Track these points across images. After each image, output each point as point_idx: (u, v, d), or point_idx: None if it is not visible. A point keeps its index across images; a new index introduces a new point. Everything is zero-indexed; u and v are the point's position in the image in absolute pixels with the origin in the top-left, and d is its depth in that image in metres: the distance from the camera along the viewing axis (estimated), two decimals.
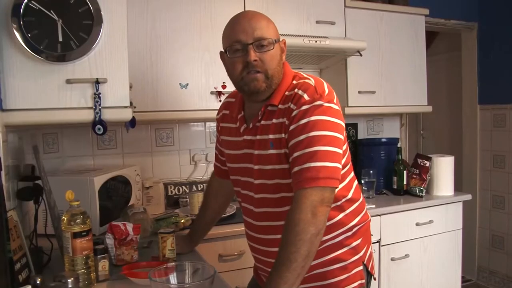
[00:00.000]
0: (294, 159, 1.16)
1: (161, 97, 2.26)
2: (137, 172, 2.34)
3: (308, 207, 1.09)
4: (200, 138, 2.74)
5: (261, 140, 1.28)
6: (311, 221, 1.07)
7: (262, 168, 1.29)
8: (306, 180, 1.11)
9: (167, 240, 1.53)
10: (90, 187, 1.92)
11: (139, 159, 2.57)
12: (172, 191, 2.56)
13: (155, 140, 2.63)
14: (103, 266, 1.41)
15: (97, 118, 1.51)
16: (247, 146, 1.34)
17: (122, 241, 1.54)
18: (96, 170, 2.19)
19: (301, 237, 1.06)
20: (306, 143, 1.15)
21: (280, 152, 1.24)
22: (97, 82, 1.51)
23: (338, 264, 1.33)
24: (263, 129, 1.28)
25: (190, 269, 1.21)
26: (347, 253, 1.34)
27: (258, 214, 1.34)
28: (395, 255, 2.53)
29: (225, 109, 1.49)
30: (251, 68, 1.24)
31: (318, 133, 1.15)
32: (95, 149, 2.49)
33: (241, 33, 1.24)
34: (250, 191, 1.35)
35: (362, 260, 1.37)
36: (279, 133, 1.24)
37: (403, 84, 2.92)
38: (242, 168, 1.37)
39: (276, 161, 1.25)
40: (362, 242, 1.38)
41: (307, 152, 1.14)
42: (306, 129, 1.16)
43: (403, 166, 2.79)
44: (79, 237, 1.31)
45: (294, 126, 1.19)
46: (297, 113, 1.19)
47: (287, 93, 1.26)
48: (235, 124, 1.41)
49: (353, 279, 1.34)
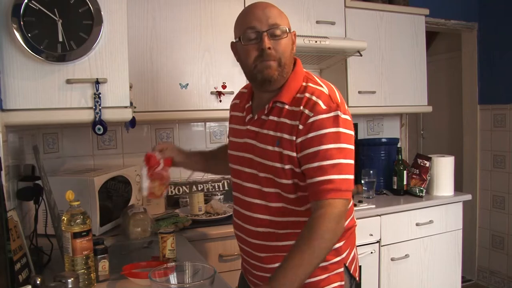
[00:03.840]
0: (314, 169, 1.20)
1: (161, 97, 2.26)
2: (137, 172, 2.33)
3: (334, 218, 1.16)
4: (200, 138, 2.74)
5: (267, 135, 1.30)
6: (336, 231, 1.17)
7: (259, 161, 1.32)
8: (330, 191, 1.17)
9: (167, 240, 1.53)
10: (90, 187, 1.92)
11: (139, 159, 2.49)
12: (172, 191, 2.57)
13: (155, 140, 2.63)
14: (103, 266, 1.41)
15: (97, 118, 1.51)
16: (249, 136, 1.36)
17: (153, 170, 1.53)
18: (96, 170, 2.19)
19: (326, 245, 1.15)
20: (327, 155, 1.19)
21: (284, 152, 1.26)
22: (97, 82, 1.51)
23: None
24: (270, 124, 1.30)
25: (190, 269, 1.21)
26: (329, 254, 1.32)
27: (246, 203, 1.38)
28: (395, 255, 2.53)
29: (237, 99, 1.53)
30: (265, 56, 1.26)
31: (338, 146, 1.19)
32: (95, 149, 2.49)
33: (255, 20, 1.26)
34: (239, 179, 1.40)
35: (343, 262, 1.38)
36: (289, 134, 1.25)
37: (403, 84, 2.92)
38: (239, 156, 1.40)
39: (277, 159, 1.27)
40: (345, 245, 1.38)
41: (330, 164, 1.18)
42: (326, 140, 1.19)
43: (403, 166, 2.79)
44: (79, 237, 1.31)
45: (312, 135, 1.21)
46: (315, 121, 1.21)
47: (298, 95, 1.28)
48: (241, 113, 1.44)
49: (332, 279, 1.35)
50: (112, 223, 2.10)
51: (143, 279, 1.32)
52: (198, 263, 1.25)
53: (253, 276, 1.45)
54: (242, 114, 1.43)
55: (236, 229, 1.46)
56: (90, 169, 2.23)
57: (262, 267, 1.37)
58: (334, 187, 1.17)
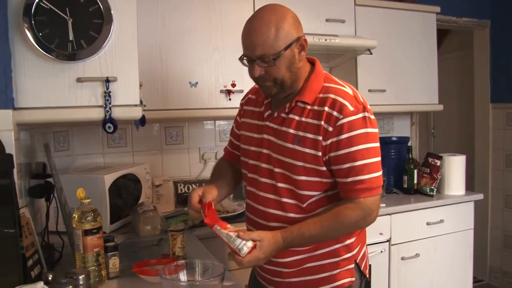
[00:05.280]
0: (346, 170, 1.26)
1: (171, 95, 2.27)
2: (147, 170, 2.35)
3: (366, 212, 1.27)
4: (209, 137, 2.74)
5: (287, 133, 1.32)
6: (366, 222, 1.30)
7: (276, 157, 1.34)
8: (362, 191, 1.25)
9: (177, 238, 1.55)
10: (101, 185, 1.94)
11: (149, 157, 2.58)
12: (181, 189, 2.57)
13: (164, 139, 2.64)
14: (113, 263, 1.42)
15: (107, 116, 1.52)
16: (268, 132, 1.38)
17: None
18: (106, 168, 2.21)
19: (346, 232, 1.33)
20: (358, 155, 1.24)
21: (305, 151, 1.28)
22: (107, 80, 1.52)
23: (330, 259, 1.37)
24: (291, 123, 1.32)
25: (200, 267, 1.22)
26: (340, 249, 1.37)
27: (260, 198, 1.39)
28: (405, 254, 2.52)
29: (252, 94, 1.54)
30: (258, 81, 1.31)
31: (367, 146, 1.25)
32: (105, 147, 2.50)
33: (246, 48, 1.28)
34: (256, 174, 1.41)
35: (354, 259, 1.40)
36: (313, 133, 1.27)
37: (413, 82, 2.90)
38: (257, 152, 1.41)
39: (295, 156, 1.30)
40: (356, 241, 1.40)
41: (361, 165, 1.25)
42: (356, 141, 1.24)
43: (413, 165, 2.77)
44: (90, 235, 1.33)
45: (343, 137, 1.24)
46: (344, 123, 1.24)
47: (321, 96, 1.30)
48: (259, 108, 1.45)
49: (343, 275, 1.38)
50: (122, 221, 2.12)
51: (154, 277, 1.33)
52: (208, 260, 1.25)
53: (264, 271, 1.46)
54: (260, 109, 1.45)
55: (249, 224, 1.47)
56: (101, 167, 2.25)
57: (274, 261, 1.37)
58: (366, 186, 1.25)
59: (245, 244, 1.20)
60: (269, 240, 1.22)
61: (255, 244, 1.20)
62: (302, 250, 1.35)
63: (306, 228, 1.26)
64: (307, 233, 1.26)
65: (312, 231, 1.26)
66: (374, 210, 1.28)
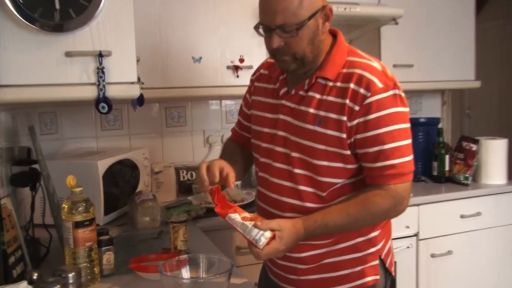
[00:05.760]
0: (374, 153, 1.26)
1: (172, 72, 2.26)
2: (145, 156, 2.36)
3: (397, 200, 1.28)
4: (215, 118, 2.74)
5: (306, 113, 1.31)
6: (396, 212, 1.31)
7: (294, 140, 1.33)
8: (393, 177, 1.26)
9: (179, 230, 1.55)
10: (94, 172, 1.94)
11: (148, 141, 2.59)
12: (184, 176, 2.58)
13: (165, 120, 2.65)
14: (108, 259, 1.42)
15: (101, 95, 1.51)
16: (284, 112, 1.37)
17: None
18: (99, 153, 2.22)
19: (373, 222, 1.34)
20: (388, 138, 1.25)
21: (328, 132, 1.27)
22: (100, 55, 1.50)
23: (352, 254, 1.36)
24: (311, 101, 1.31)
25: (205, 262, 1.22)
26: (363, 243, 1.37)
27: (273, 183, 1.39)
28: (435, 251, 2.50)
29: (265, 69, 1.52)
30: (276, 53, 1.30)
31: (399, 127, 1.25)
32: (98, 130, 2.51)
33: (264, 15, 1.26)
34: (270, 158, 1.40)
35: (379, 254, 1.40)
36: (337, 113, 1.26)
37: (446, 55, 2.84)
38: (271, 134, 1.41)
39: (316, 139, 1.29)
40: (380, 235, 1.40)
41: (391, 148, 1.25)
42: (386, 122, 1.24)
43: (445, 149, 2.74)
44: (81, 227, 1.32)
45: (371, 117, 1.24)
46: (373, 102, 1.23)
47: (345, 71, 1.29)
48: (273, 85, 1.45)
49: (367, 272, 1.37)
50: (117, 212, 2.12)
51: (153, 273, 1.33)
52: (213, 255, 1.25)
53: (277, 267, 1.46)
54: (274, 86, 1.44)
55: (261, 214, 1.46)
56: (93, 152, 2.26)
57: (288, 257, 1.37)
58: (397, 172, 1.26)
59: (262, 234, 1.19)
60: (289, 230, 1.22)
61: (274, 234, 1.20)
62: (320, 244, 1.35)
63: (330, 217, 1.26)
64: (331, 222, 1.26)
65: (337, 220, 1.26)
66: (405, 198, 1.29)
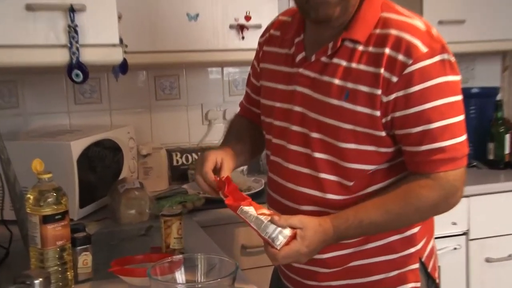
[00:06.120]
0: (418, 134, 1.24)
1: (162, 32, 2.26)
2: (130, 135, 2.37)
3: (448, 191, 1.28)
4: (215, 89, 2.75)
5: (330, 84, 1.30)
6: (448, 205, 1.31)
7: (314, 117, 1.32)
8: (442, 163, 1.24)
9: (172, 226, 1.55)
10: (66, 155, 1.94)
11: (133, 118, 2.60)
12: (178, 160, 2.59)
13: (154, 92, 2.66)
14: (84, 262, 1.43)
15: (74, 60, 1.52)
16: (302, 83, 1.36)
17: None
18: (73, 132, 2.22)
19: (420, 218, 1.35)
20: (435, 115, 1.22)
21: (357, 109, 1.26)
22: (71, 10, 1.50)
23: (386, 255, 1.36)
24: (336, 70, 1.29)
25: (204, 263, 1.22)
26: (399, 242, 1.36)
27: (288, 170, 1.39)
28: (491, 254, 2.51)
29: (275, 29, 1.51)
30: None
31: (449, 100, 1.23)
32: (71, 103, 2.52)
33: None
34: (283, 139, 1.40)
35: (419, 256, 1.39)
36: (369, 85, 1.24)
37: (507, 8, 2.81)
38: (286, 110, 1.40)
39: (342, 117, 1.27)
40: (421, 232, 1.40)
41: (439, 127, 1.22)
42: (433, 95, 1.22)
43: (504, 127, 2.73)
44: (51, 222, 1.32)
45: (414, 90, 1.21)
46: (416, 71, 1.21)
47: (378, 31, 1.26)
48: (287, 49, 1.43)
49: (404, 278, 1.37)
50: (96, 204, 2.14)
51: (140, 278, 1.33)
52: (214, 255, 1.26)
53: (293, 271, 1.46)
54: (288, 51, 1.43)
55: (272, 206, 1.46)
56: (65, 131, 2.26)
57: None
58: (447, 156, 1.23)
59: (280, 232, 1.19)
60: (314, 229, 1.21)
61: (294, 233, 1.19)
62: (346, 243, 1.34)
63: (365, 214, 1.25)
64: (367, 220, 1.25)
65: (373, 217, 1.25)
66: (458, 188, 1.28)
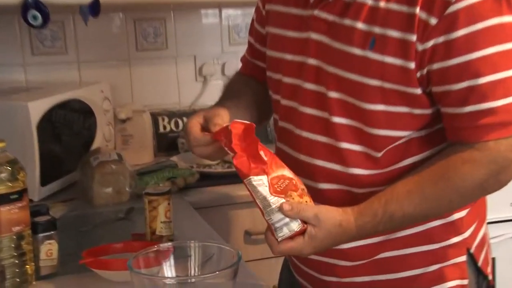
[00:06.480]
0: (462, 91, 1.21)
1: None
2: (104, 95, 2.37)
3: (500, 165, 1.24)
4: (212, 37, 2.78)
5: (352, 29, 1.29)
6: (499, 183, 1.27)
7: (333, 72, 1.32)
8: (492, 128, 1.21)
9: (159, 207, 1.55)
10: (23, 120, 1.95)
11: (108, 73, 2.61)
12: (165, 126, 2.61)
13: (134, 40, 2.67)
14: (48, 252, 1.43)
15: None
16: (317, 28, 1.36)
17: None
18: (31, 90, 2.24)
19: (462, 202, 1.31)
20: (485, 67, 1.19)
21: (386, 60, 1.25)
22: None
23: (424, 246, 1.37)
24: (358, 11, 1.28)
25: (198, 253, 1.22)
26: (440, 229, 1.37)
27: (300, 139, 1.40)
28: None
29: None
30: None
31: (503, 48, 1.19)
32: (27, 54, 2.53)
33: None
34: (294, 100, 1.41)
35: (466, 246, 1.40)
36: (400, 29, 1.23)
37: None
38: (296, 63, 1.40)
39: (371, 72, 1.27)
40: (469, 216, 1.40)
41: (490, 82, 1.19)
42: (483, 42, 1.19)
43: None
44: (5, 203, 1.33)
45: (458, 35, 1.19)
46: (461, 10, 1.18)
47: None
48: None
49: (446, 275, 1.38)
50: (62, 180, 2.15)
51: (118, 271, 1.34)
52: (211, 243, 1.27)
53: (307, 264, 1.47)
54: None
55: None
56: (21, 89, 2.28)
57: None
58: (499, 120, 1.20)
59: (287, 224, 1.19)
60: (330, 230, 1.22)
61: (304, 228, 1.19)
62: None
63: (396, 204, 1.24)
64: (399, 212, 1.25)
65: (407, 208, 1.25)
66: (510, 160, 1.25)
